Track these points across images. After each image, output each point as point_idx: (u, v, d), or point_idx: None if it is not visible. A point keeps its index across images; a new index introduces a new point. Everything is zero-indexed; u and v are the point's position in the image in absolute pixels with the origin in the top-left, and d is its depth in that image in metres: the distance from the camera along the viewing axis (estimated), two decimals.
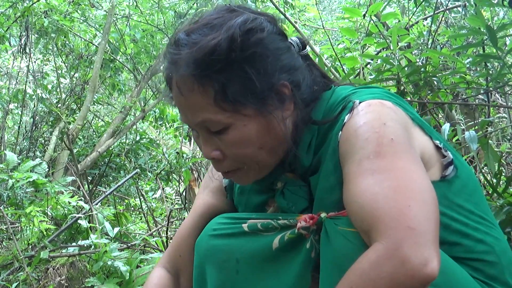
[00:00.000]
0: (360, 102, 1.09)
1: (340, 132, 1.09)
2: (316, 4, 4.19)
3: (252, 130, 1.11)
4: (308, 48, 1.26)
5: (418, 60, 2.71)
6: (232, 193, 1.35)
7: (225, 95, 1.08)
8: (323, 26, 4.20)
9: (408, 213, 0.90)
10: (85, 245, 2.91)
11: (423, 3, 3.52)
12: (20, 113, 6.47)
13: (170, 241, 3.55)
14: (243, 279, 1.13)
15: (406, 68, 2.36)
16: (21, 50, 5.93)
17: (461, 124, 2.56)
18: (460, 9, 3.23)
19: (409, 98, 2.38)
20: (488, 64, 2.53)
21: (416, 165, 0.99)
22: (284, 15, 3.32)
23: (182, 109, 1.14)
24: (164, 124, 7.13)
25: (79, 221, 3.17)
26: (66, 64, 6.61)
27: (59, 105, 6.26)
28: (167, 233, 3.40)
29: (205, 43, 1.08)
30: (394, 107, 1.08)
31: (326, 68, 2.47)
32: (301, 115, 1.15)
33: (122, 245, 3.18)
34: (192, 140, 6.22)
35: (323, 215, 1.08)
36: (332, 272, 0.98)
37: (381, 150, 0.99)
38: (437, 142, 1.13)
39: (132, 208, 5.12)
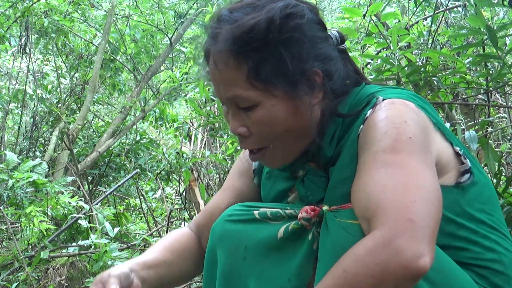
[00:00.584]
0: (384, 99, 1.12)
1: (362, 125, 1.11)
2: (316, 4, 4.19)
3: (280, 111, 1.13)
4: (346, 43, 1.28)
5: (418, 60, 2.71)
6: (260, 177, 1.38)
7: (257, 73, 1.11)
8: None
9: (411, 207, 0.92)
10: (85, 245, 2.91)
11: (423, 3, 3.52)
12: (20, 113, 6.47)
13: None
14: (249, 266, 1.14)
15: (406, 68, 2.36)
16: (21, 50, 5.94)
17: (461, 124, 2.56)
18: (460, 9, 3.23)
19: None
20: (488, 64, 2.53)
21: (428, 167, 1.01)
22: None
23: (216, 82, 1.18)
24: (164, 124, 7.13)
25: (79, 221, 3.17)
26: (66, 64, 6.61)
27: (59, 105, 6.26)
28: (167, 233, 3.40)
29: (245, 21, 1.12)
30: (416, 109, 1.10)
31: None
32: (329, 105, 1.18)
33: (122, 245, 3.18)
34: (192, 140, 6.22)
35: (325, 207, 1.10)
36: (330, 262, 0.99)
37: (398, 146, 1.01)
38: (458, 148, 1.14)
39: (132, 208, 5.13)
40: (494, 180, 2.16)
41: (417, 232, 0.90)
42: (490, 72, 2.39)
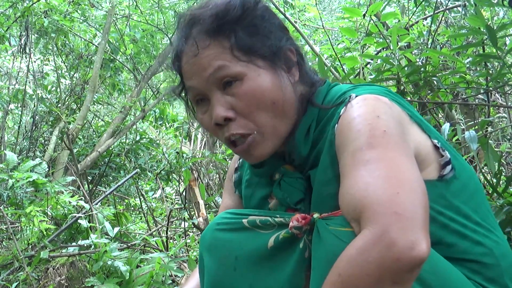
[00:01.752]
0: (356, 96, 1.12)
1: (336, 124, 1.11)
2: (316, 4, 4.19)
3: (265, 80, 1.15)
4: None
5: (418, 60, 2.71)
6: (240, 188, 1.39)
7: (240, 45, 1.15)
8: (323, 26, 4.20)
9: (395, 199, 0.92)
10: (85, 245, 2.91)
11: (423, 3, 3.52)
12: (20, 113, 6.47)
13: (170, 240, 3.55)
14: (240, 276, 1.14)
15: (406, 68, 2.36)
16: (21, 50, 5.93)
17: (461, 123, 2.56)
18: (460, 9, 3.23)
19: (409, 98, 2.38)
20: (488, 64, 2.53)
21: (407, 157, 1.01)
22: (284, 15, 3.32)
23: (195, 69, 1.17)
24: (164, 124, 7.14)
25: (79, 221, 3.17)
26: (66, 64, 6.61)
27: (59, 105, 6.26)
28: (167, 233, 3.40)
29: (220, 2, 1.18)
30: (390, 102, 1.10)
31: (326, 68, 2.47)
32: (305, 91, 1.21)
33: (122, 245, 3.18)
34: (192, 140, 6.22)
35: (315, 215, 1.09)
36: (324, 271, 0.98)
37: (373, 142, 1.01)
38: (435, 141, 1.13)
39: (132, 208, 5.13)
40: (494, 180, 2.16)
41: (405, 223, 0.89)
42: (490, 72, 2.39)
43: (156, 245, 3.25)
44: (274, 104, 1.15)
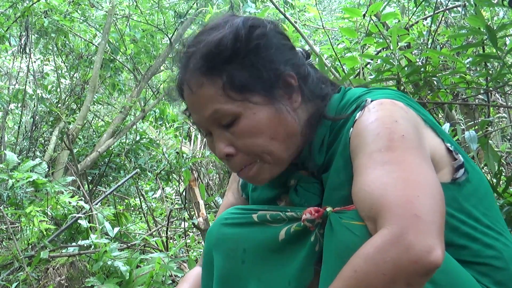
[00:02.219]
0: (372, 101, 1.12)
1: (352, 128, 1.10)
2: (316, 4, 4.19)
3: (262, 118, 1.13)
4: (311, 58, 1.30)
5: (418, 60, 2.71)
6: (246, 191, 1.39)
7: (232, 84, 1.12)
8: (323, 26, 4.19)
9: (415, 202, 0.92)
10: (85, 245, 2.91)
11: (423, 3, 3.52)
12: (20, 113, 6.47)
13: (170, 240, 3.55)
14: (248, 269, 1.14)
15: (406, 68, 2.36)
16: (21, 50, 5.94)
17: (461, 124, 2.56)
18: (460, 9, 3.23)
19: None
20: (488, 64, 2.53)
21: (425, 162, 1.01)
22: (284, 15, 3.32)
23: (194, 107, 1.18)
24: (164, 124, 7.14)
25: (79, 221, 3.17)
26: (66, 64, 6.61)
27: (59, 105, 6.26)
28: (167, 233, 3.40)
29: (211, 39, 1.14)
30: (405, 107, 1.10)
31: (326, 68, 2.47)
32: (313, 108, 1.19)
33: (122, 245, 3.18)
34: (192, 140, 6.23)
35: (328, 209, 1.09)
36: (335, 263, 0.99)
37: (392, 145, 1.01)
38: (449, 144, 1.14)
39: (132, 208, 5.13)
40: (494, 180, 2.16)
41: (424, 226, 0.90)
42: (490, 72, 2.39)
43: (156, 245, 3.25)
44: (274, 140, 1.15)
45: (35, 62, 6.61)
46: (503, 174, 2.48)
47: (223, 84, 1.12)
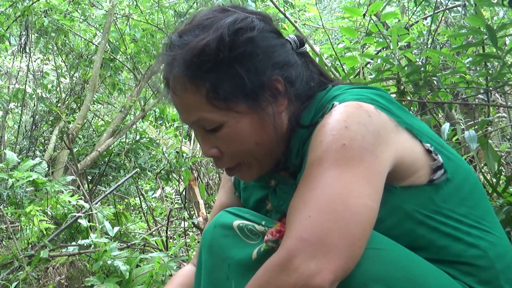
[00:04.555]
0: (340, 103, 1.08)
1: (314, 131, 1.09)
2: (316, 3, 4.19)
3: (245, 126, 1.12)
4: (306, 45, 1.26)
5: (418, 60, 2.71)
6: (239, 190, 1.39)
7: (216, 93, 1.10)
8: (323, 26, 4.20)
9: (304, 223, 0.92)
10: (85, 245, 2.91)
11: (423, 3, 3.52)
12: (20, 112, 6.47)
13: (170, 240, 3.55)
14: (232, 285, 1.13)
15: (406, 68, 2.36)
16: (21, 49, 5.93)
17: (461, 123, 2.56)
18: (460, 8, 3.23)
19: (409, 98, 2.39)
20: (488, 64, 2.53)
21: (359, 177, 0.97)
22: (284, 14, 3.32)
23: (178, 108, 1.17)
24: (164, 124, 7.13)
25: (79, 220, 3.17)
26: (66, 64, 6.61)
27: (59, 104, 6.26)
28: (167, 233, 3.40)
29: (195, 44, 1.11)
30: (373, 110, 1.05)
31: (326, 67, 2.47)
32: (295, 111, 1.16)
33: (122, 244, 3.18)
34: (192, 140, 6.23)
35: None
36: None
37: (323, 156, 1.00)
38: (428, 145, 1.10)
39: (132, 208, 5.13)
40: (494, 180, 2.16)
41: (308, 249, 0.88)
42: (490, 71, 2.39)
43: (156, 245, 3.25)
44: (258, 145, 1.14)
45: (35, 61, 6.61)
46: (503, 173, 2.48)
47: (206, 93, 1.10)
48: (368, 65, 2.86)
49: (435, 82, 2.33)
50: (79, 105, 6.44)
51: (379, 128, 1.03)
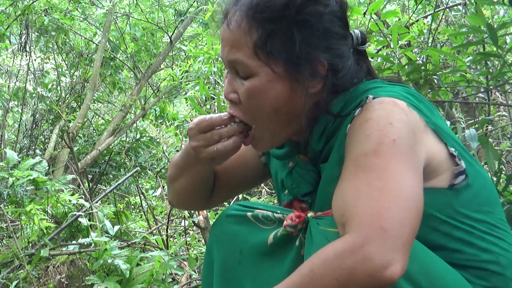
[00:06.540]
0: (374, 98, 1.09)
1: (349, 125, 1.09)
2: None
3: (273, 88, 1.12)
4: (367, 44, 1.26)
5: (418, 59, 2.71)
6: (268, 157, 1.36)
7: (264, 44, 1.10)
8: None
9: (385, 214, 0.91)
10: (85, 243, 2.91)
11: (423, 1, 3.52)
12: (20, 111, 6.47)
13: (170, 239, 3.55)
14: (244, 271, 1.16)
15: (406, 67, 2.36)
16: (22, 48, 5.93)
17: (461, 122, 2.56)
18: (460, 7, 3.23)
19: None
20: (489, 63, 2.53)
21: (411, 172, 0.98)
22: None
23: (224, 42, 1.17)
24: (164, 123, 7.13)
25: (79, 219, 3.17)
26: (66, 62, 6.60)
27: (60, 103, 6.26)
28: (167, 231, 3.40)
29: None
30: (407, 108, 1.06)
31: None
32: (324, 100, 1.15)
33: (122, 243, 3.18)
34: None
35: (309, 214, 1.10)
36: None
37: (380, 149, 0.99)
38: (452, 149, 1.10)
39: (132, 206, 5.12)
40: (494, 179, 2.16)
41: (387, 240, 0.89)
42: (490, 70, 2.39)
43: (156, 244, 3.25)
44: (276, 113, 1.14)
45: (35, 60, 6.60)
46: (503, 172, 2.48)
47: (256, 39, 1.11)
48: None
49: (435, 80, 2.33)
50: (79, 104, 6.43)
51: (414, 127, 1.05)
